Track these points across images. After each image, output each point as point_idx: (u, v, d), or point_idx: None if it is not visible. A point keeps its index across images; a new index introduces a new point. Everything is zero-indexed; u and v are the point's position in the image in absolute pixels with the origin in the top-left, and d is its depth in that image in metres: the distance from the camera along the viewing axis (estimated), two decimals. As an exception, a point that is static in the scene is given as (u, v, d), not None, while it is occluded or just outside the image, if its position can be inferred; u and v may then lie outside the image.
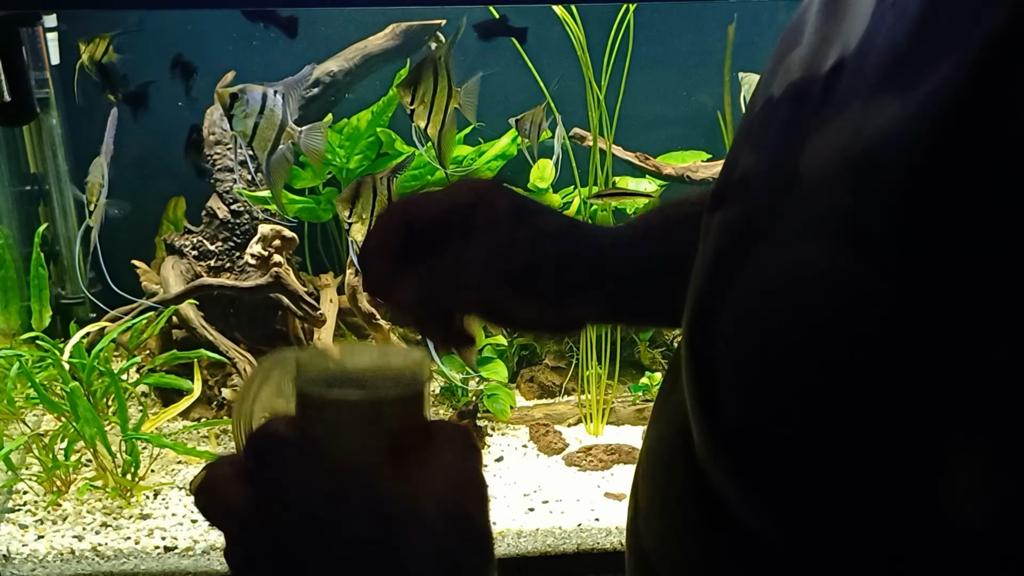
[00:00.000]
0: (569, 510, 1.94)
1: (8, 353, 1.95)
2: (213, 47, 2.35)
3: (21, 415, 1.97)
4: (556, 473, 2.07)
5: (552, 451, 2.15)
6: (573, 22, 2.21)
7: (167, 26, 2.32)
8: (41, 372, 1.97)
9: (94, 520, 1.85)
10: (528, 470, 2.08)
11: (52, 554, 1.76)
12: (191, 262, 2.22)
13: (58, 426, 1.94)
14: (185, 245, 2.24)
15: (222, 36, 2.35)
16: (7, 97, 1.44)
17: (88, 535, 1.80)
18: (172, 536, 1.81)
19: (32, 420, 2.06)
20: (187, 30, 2.33)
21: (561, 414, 2.28)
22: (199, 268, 2.20)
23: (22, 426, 1.95)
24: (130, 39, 2.07)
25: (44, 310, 2.18)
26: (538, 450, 2.17)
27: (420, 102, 1.61)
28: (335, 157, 2.39)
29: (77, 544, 1.78)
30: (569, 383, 2.40)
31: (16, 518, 1.85)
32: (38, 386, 1.87)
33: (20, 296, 2.20)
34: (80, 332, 2.02)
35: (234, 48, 2.34)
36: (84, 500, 1.89)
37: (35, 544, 1.78)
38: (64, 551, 1.76)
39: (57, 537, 1.80)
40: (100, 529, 1.82)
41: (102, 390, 1.97)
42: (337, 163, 2.40)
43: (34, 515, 1.86)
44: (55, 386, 2.00)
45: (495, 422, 2.24)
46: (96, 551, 1.77)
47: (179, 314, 2.11)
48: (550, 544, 1.88)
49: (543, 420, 2.24)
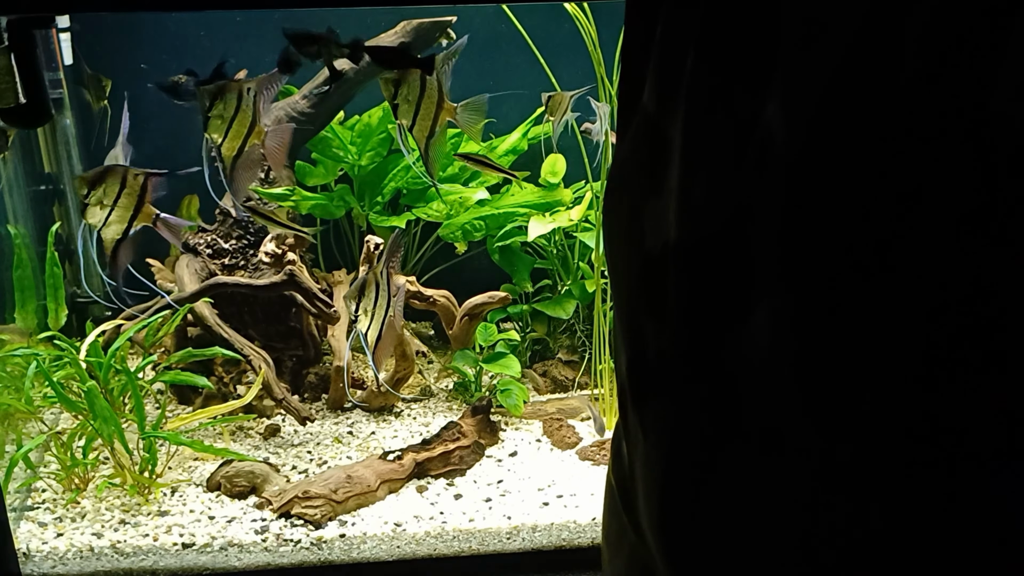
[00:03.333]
0: (584, 504, 1.94)
1: (26, 352, 1.97)
2: (221, 45, 2.36)
3: (39, 414, 1.99)
4: (570, 467, 2.08)
5: (566, 445, 2.16)
6: (584, 19, 2.22)
7: (175, 25, 2.33)
8: (58, 371, 1.98)
9: (113, 517, 1.86)
10: (542, 465, 2.09)
11: (71, 551, 1.78)
12: (205, 260, 2.23)
13: (76, 424, 1.95)
14: (199, 243, 2.26)
15: (231, 34, 2.36)
16: (23, 99, 1.46)
17: (107, 532, 1.82)
18: (190, 533, 1.82)
19: (50, 418, 2.08)
20: (200, 35, 2.34)
21: (573, 408, 2.29)
22: (213, 266, 2.22)
23: (40, 425, 1.97)
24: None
25: (60, 309, 2.20)
26: (552, 444, 2.17)
27: (404, 100, 1.58)
28: (347, 154, 2.40)
29: (96, 541, 1.79)
30: (581, 377, 2.41)
31: (35, 516, 1.87)
32: (55, 385, 1.88)
33: (36, 295, 2.22)
34: (96, 331, 2.03)
35: (242, 46, 2.35)
36: (103, 498, 1.91)
37: (55, 542, 1.80)
38: (83, 548, 1.78)
39: (76, 534, 1.81)
40: (119, 526, 1.84)
41: (119, 388, 1.99)
42: (349, 160, 2.41)
43: (53, 513, 1.88)
44: (72, 385, 2.02)
45: (509, 417, 2.25)
46: (115, 548, 1.78)
47: (194, 312, 2.13)
48: (565, 538, 1.89)
49: (556, 415, 2.25)
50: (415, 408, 2.33)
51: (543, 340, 2.48)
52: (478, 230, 2.36)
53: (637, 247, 0.60)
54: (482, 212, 2.36)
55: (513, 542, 1.88)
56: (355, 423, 2.24)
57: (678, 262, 0.55)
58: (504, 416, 2.25)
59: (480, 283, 2.36)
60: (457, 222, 2.35)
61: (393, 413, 2.30)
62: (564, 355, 2.46)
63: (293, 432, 2.17)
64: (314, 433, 2.18)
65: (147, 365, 2.04)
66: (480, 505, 1.94)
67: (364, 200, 2.43)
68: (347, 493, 1.89)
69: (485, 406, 2.15)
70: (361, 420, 2.26)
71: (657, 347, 0.59)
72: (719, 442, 0.55)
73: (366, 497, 1.91)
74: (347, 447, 2.14)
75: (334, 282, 2.38)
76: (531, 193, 2.41)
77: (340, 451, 2.12)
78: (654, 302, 0.58)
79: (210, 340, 2.12)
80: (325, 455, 2.10)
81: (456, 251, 2.46)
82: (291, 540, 1.81)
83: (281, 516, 1.86)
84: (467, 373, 2.31)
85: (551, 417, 2.24)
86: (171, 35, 2.35)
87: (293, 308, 2.23)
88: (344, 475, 1.91)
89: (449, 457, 2.04)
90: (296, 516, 1.85)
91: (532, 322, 2.46)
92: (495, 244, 2.40)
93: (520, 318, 2.46)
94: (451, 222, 2.36)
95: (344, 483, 1.90)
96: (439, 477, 2.03)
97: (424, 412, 2.31)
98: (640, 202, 0.60)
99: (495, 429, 2.17)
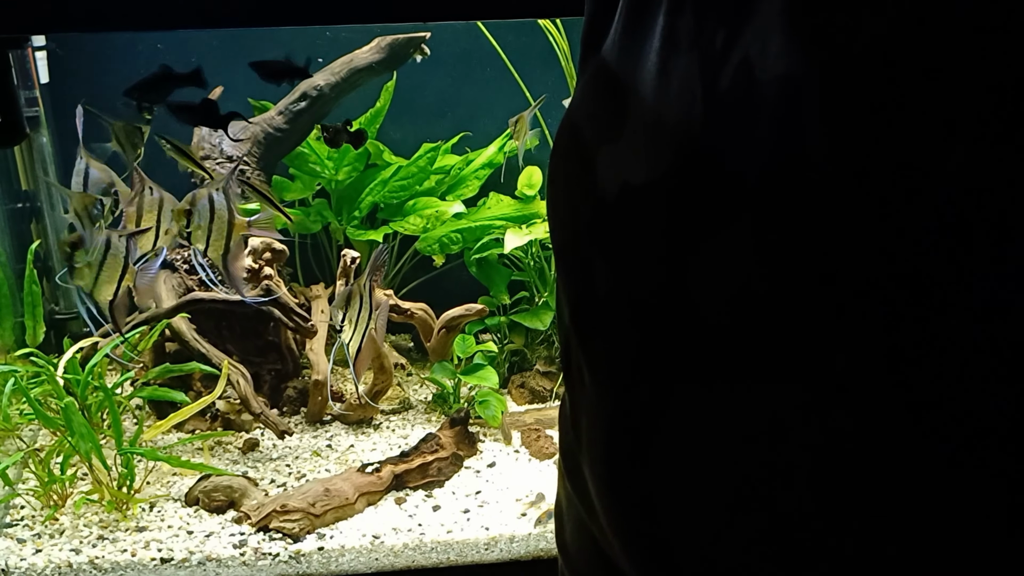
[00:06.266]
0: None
1: (3, 369, 1.97)
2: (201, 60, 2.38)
3: (17, 431, 1.99)
4: (548, 477, 2.10)
5: (544, 455, 2.17)
6: (557, 32, 2.25)
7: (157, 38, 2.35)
8: (36, 388, 1.99)
9: (91, 533, 1.87)
10: (520, 475, 2.11)
11: (50, 568, 1.78)
12: (183, 276, 2.24)
13: (54, 441, 1.96)
14: (176, 259, 2.26)
15: (208, 50, 2.37)
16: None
17: (85, 548, 1.82)
18: (168, 548, 1.83)
19: (28, 435, 2.08)
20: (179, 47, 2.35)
21: (552, 419, 2.30)
22: (191, 282, 2.23)
23: (18, 442, 1.97)
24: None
25: (38, 326, 2.20)
26: (530, 455, 2.19)
27: (196, 227, 1.61)
28: (324, 169, 2.42)
29: (74, 557, 1.80)
30: (560, 388, 2.42)
31: (14, 532, 1.87)
32: (33, 402, 1.89)
33: (14, 312, 2.22)
34: (74, 347, 2.04)
35: (220, 62, 2.36)
36: (81, 514, 1.91)
37: (33, 558, 1.80)
38: (62, 565, 1.78)
39: (55, 551, 1.82)
40: (97, 542, 1.84)
41: (96, 404, 1.99)
42: (326, 175, 2.43)
43: (31, 529, 1.88)
44: (50, 401, 2.03)
45: (487, 428, 2.26)
46: (93, 564, 1.79)
47: (171, 327, 2.14)
48: (543, 548, 1.90)
49: (534, 425, 2.26)
50: (394, 420, 2.34)
51: (521, 351, 2.50)
52: (455, 243, 2.38)
53: (589, 190, 0.59)
54: (459, 225, 2.38)
55: (491, 553, 1.89)
56: (334, 436, 2.25)
57: (645, 198, 0.54)
58: (482, 427, 2.26)
59: (458, 295, 2.38)
60: (434, 235, 2.37)
61: (372, 426, 2.31)
62: (542, 366, 2.47)
63: (272, 446, 2.18)
64: (293, 447, 2.19)
65: (125, 381, 2.05)
66: (458, 516, 1.96)
67: (342, 214, 2.45)
68: (325, 506, 1.90)
69: (463, 418, 2.16)
70: (340, 433, 2.27)
71: (608, 284, 0.58)
72: (674, 378, 0.54)
73: (344, 510, 1.92)
74: (326, 460, 2.15)
75: (312, 296, 2.39)
76: (508, 206, 2.43)
77: (319, 464, 2.13)
78: (607, 242, 0.58)
79: (188, 355, 2.13)
80: (304, 468, 2.11)
81: (434, 264, 2.48)
82: (269, 554, 1.82)
83: (259, 530, 1.87)
84: (445, 385, 2.32)
85: (529, 428, 2.26)
86: (145, 56, 2.35)
87: (271, 323, 2.24)
88: (322, 488, 1.92)
89: (427, 469, 2.06)
90: (274, 530, 1.86)
91: (510, 334, 2.48)
92: (472, 257, 2.42)
93: (498, 330, 2.47)
94: (428, 235, 2.38)
95: (322, 496, 1.91)
96: (417, 489, 2.04)
97: (403, 424, 2.32)
98: (594, 147, 0.59)
99: (473, 440, 2.18)
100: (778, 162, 0.48)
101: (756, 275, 0.49)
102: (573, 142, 0.63)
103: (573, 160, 0.62)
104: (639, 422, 0.56)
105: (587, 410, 0.61)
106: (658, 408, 0.55)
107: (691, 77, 0.52)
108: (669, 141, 0.53)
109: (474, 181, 2.47)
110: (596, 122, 0.60)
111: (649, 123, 0.54)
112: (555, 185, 0.65)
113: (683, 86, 0.52)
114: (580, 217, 0.61)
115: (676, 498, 0.54)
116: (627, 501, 0.57)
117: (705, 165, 0.51)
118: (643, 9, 0.56)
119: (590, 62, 0.63)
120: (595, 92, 0.61)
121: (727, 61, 0.50)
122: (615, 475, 0.58)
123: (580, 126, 0.62)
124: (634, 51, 0.57)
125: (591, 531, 0.64)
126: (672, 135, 0.53)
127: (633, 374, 0.56)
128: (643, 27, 0.56)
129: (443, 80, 2.48)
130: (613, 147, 0.57)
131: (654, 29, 0.55)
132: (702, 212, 0.51)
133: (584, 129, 0.62)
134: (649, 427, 0.55)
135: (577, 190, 0.61)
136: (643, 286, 0.55)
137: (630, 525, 0.58)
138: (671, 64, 0.53)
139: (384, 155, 2.46)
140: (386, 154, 2.46)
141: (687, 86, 0.52)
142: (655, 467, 0.55)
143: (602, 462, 0.59)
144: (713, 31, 0.51)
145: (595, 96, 0.61)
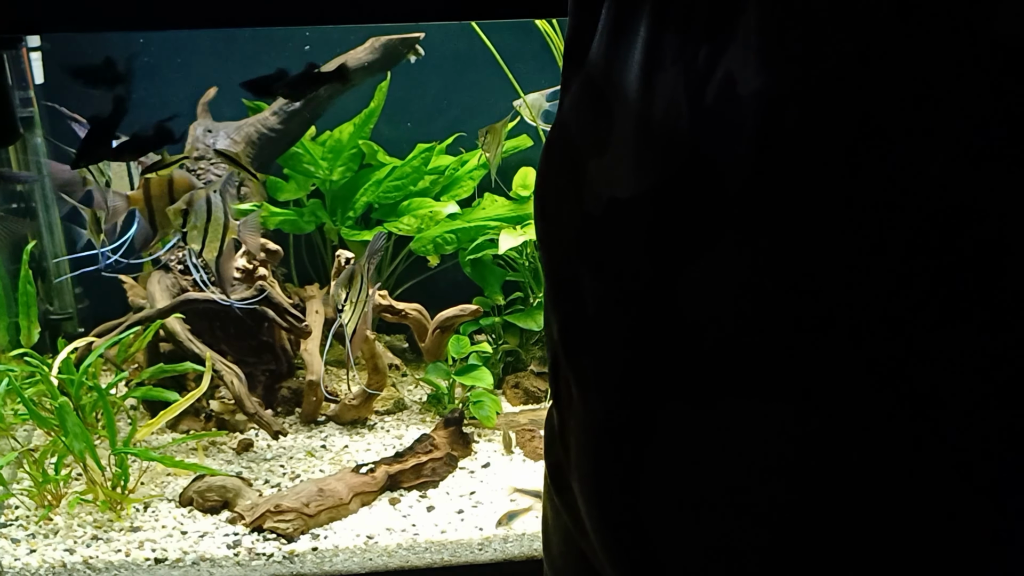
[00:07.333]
0: (554, 514, 1.96)
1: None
2: (195, 60, 2.38)
3: (11, 431, 1.99)
4: (542, 478, 2.09)
5: (538, 456, 2.18)
6: (553, 32, 2.25)
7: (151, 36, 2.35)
8: (30, 388, 1.99)
9: (85, 533, 1.87)
10: (514, 475, 2.11)
11: (44, 568, 1.78)
12: (177, 276, 2.24)
13: (48, 441, 1.96)
14: (171, 260, 2.27)
15: (204, 49, 2.38)
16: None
17: (79, 548, 1.82)
18: (162, 548, 1.83)
19: (22, 435, 2.08)
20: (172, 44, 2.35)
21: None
22: (185, 282, 2.23)
23: (12, 441, 1.97)
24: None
25: (32, 326, 2.20)
26: (524, 455, 2.19)
27: (192, 227, 1.66)
28: (318, 169, 2.42)
29: (69, 557, 1.80)
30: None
31: (8, 532, 1.87)
32: (27, 402, 1.89)
33: (8, 313, 2.22)
34: (68, 348, 2.04)
35: (216, 61, 2.37)
36: (75, 514, 1.91)
37: (27, 558, 1.80)
38: (56, 564, 1.78)
39: (49, 551, 1.82)
40: (91, 542, 1.84)
41: (91, 405, 1.99)
42: (320, 175, 2.43)
43: (26, 529, 1.88)
44: (44, 401, 2.02)
45: (481, 428, 2.27)
46: (87, 564, 1.79)
47: (165, 328, 2.14)
48: (536, 548, 1.90)
49: (529, 426, 2.27)
50: (388, 421, 2.34)
51: (515, 352, 2.50)
52: (449, 243, 2.39)
53: (576, 205, 0.59)
54: (453, 225, 2.38)
55: (485, 553, 1.89)
56: (328, 436, 2.25)
57: (632, 212, 0.54)
58: (477, 428, 2.27)
59: (452, 296, 2.38)
60: (428, 236, 2.37)
61: (366, 426, 2.31)
62: (536, 366, 2.48)
63: (266, 446, 2.19)
64: (287, 447, 2.19)
65: (119, 381, 2.05)
66: (452, 516, 1.96)
67: (336, 215, 2.45)
68: (319, 506, 1.90)
69: (457, 418, 2.16)
70: (334, 433, 2.27)
71: (596, 301, 0.58)
72: (664, 396, 0.53)
73: (338, 510, 1.92)
74: (320, 461, 2.15)
75: (306, 296, 2.40)
76: (502, 206, 2.43)
77: (313, 464, 2.13)
78: (595, 258, 0.57)
79: (182, 356, 2.13)
80: (298, 469, 2.11)
81: (428, 264, 2.48)
82: (263, 554, 1.82)
83: (253, 530, 1.87)
84: (440, 385, 2.33)
85: (523, 428, 2.26)
86: (141, 56, 2.36)
87: (265, 323, 2.24)
88: (316, 489, 1.93)
89: (422, 469, 2.06)
90: (268, 530, 1.87)
91: (504, 334, 2.48)
92: (467, 257, 2.42)
93: (492, 330, 2.48)
94: (422, 236, 2.38)
95: (316, 496, 1.91)
96: (412, 489, 2.04)
97: (397, 424, 2.32)
98: (582, 162, 0.59)
99: (468, 441, 2.18)
100: (760, 176, 0.48)
101: (743, 290, 0.49)
102: (562, 157, 0.63)
103: (562, 175, 0.62)
104: (628, 440, 0.55)
105: (575, 427, 0.61)
106: (647, 427, 0.54)
107: (676, 91, 0.52)
108: (655, 155, 0.53)
109: (468, 182, 2.47)
110: (583, 137, 0.60)
111: (635, 137, 0.54)
112: (544, 200, 0.65)
113: (668, 100, 0.52)
114: (568, 233, 0.60)
115: (666, 517, 0.54)
116: (617, 520, 0.57)
117: (691, 178, 0.51)
118: (625, 22, 0.56)
119: (575, 75, 0.62)
120: (581, 106, 0.61)
121: (711, 76, 0.50)
122: (604, 494, 0.58)
123: (568, 141, 0.62)
124: (617, 65, 0.56)
125: (578, 545, 0.64)
126: (658, 149, 0.53)
127: (622, 392, 0.56)
128: (626, 41, 0.56)
129: (437, 80, 2.48)
130: (600, 161, 0.57)
131: (636, 43, 0.55)
132: (689, 226, 0.51)
133: (572, 144, 0.61)
134: (638, 446, 0.55)
135: (565, 206, 0.61)
136: (631, 303, 0.55)
137: (620, 544, 0.57)
138: (655, 78, 0.53)
139: (378, 155, 2.46)
140: (380, 154, 2.46)
141: (672, 100, 0.52)
142: (645, 486, 0.55)
143: (591, 480, 0.59)
144: (696, 47, 0.51)
145: (581, 110, 0.61)
